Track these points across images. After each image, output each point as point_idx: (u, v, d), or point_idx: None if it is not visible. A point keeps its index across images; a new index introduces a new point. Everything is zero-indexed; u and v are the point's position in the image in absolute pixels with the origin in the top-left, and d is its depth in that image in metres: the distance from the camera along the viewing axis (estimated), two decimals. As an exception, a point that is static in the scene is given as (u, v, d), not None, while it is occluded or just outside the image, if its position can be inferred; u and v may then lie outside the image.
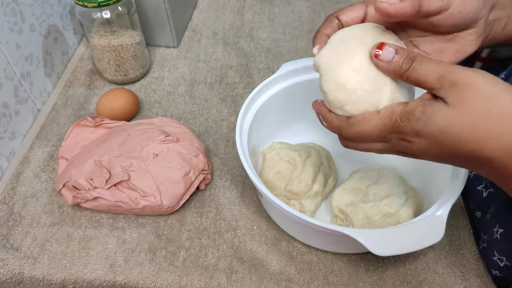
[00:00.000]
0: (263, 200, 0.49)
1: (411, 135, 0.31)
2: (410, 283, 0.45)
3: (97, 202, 0.48)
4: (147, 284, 0.45)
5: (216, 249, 0.48)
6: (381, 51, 0.32)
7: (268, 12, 0.78)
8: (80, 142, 0.54)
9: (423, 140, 0.31)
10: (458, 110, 0.29)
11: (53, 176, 0.54)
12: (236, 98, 0.64)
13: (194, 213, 0.51)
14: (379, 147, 0.34)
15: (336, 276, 0.46)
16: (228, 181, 0.54)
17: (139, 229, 0.49)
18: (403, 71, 0.32)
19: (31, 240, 0.49)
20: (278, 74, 0.51)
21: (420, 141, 0.31)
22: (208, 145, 0.57)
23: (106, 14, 0.58)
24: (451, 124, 0.29)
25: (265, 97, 0.50)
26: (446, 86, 0.29)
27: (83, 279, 0.46)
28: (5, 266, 0.47)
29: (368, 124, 0.33)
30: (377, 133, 0.33)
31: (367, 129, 0.33)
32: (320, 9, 0.78)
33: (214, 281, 0.45)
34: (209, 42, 0.72)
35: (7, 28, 0.54)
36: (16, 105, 0.57)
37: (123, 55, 0.61)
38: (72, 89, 0.65)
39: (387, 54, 0.32)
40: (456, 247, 0.47)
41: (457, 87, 0.29)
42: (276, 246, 0.48)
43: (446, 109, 0.29)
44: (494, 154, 0.29)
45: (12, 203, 0.52)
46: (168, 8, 0.65)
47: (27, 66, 0.58)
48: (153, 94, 0.64)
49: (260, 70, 0.68)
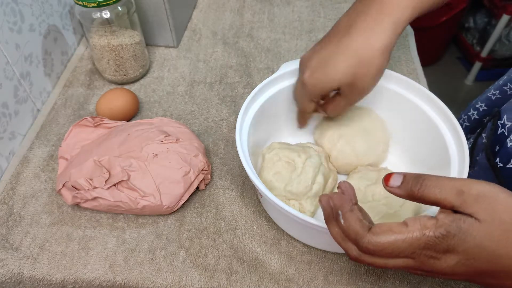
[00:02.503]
0: (263, 200, 0.49)
1: (443, 251, 0.30)
2: (410, 283, 0.45)
3: (97, 202, 0.48)
4: (146, 284, 0.45)
5: (216, 249, 0.48)
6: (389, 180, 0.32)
7: (267, 12, 0.78)
8: (80, 142, 0.54)
9: (455, 256, 0.30)
10: (490, 225, 0.29)
11: (53, 176, 0.54)
12: (235, 98, 0.64)
13: (194, 213, 0.51)
14: (400, 264, 0.31)
15: (336, 276, 0.46)
16: (227, 181, 0.54)
17: (138, 229, 0.49)
18: (416, 190, 0.31)
19: (31, 240, 0.49)
20: (278, 74, 0.51)
21: (451, 257, 0.30)
22: (207, 145, 0.57)
23: (106, 14, 0.58)
24: (486, 240, 0.29)
25: (265, 97, 0.50)
26: (471, 201, 0.29)
27: (83, 279, 0.46)
28: (4, 266, 0.47)
29: (396, 237, 0.30)
30: (406, 247, 0.30)
31: (394, 242, 0.30)
32: (320, 9, 0.78)
33: (214, 281, 0.45)
34: (208, 42, 0.72)
35: (6, 28, 0.54)
36: (16, 105, 0.57)
37: (123, 55, 0.61)
38: (72, 89, 0.65)
39: (395, 180, 0.32)
40: (456, 247, 0.47)
41: (482, 202, 0.29)
42: (275, 246, 0.48)
43: (480, 225, 0.29)
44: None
45: (12, 203, 0.52)
46: (168, 8, 0.65)
47: (26, 66, 0.58)
48: (152, 94, 0.64)
49: (259, 70, 0.68)
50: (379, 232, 0.30)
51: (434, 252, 0.30)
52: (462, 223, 0.29)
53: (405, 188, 0.31)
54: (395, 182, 0.32)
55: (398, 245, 0.30)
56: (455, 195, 0.29)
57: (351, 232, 0.32)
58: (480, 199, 0.29)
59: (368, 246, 0.31)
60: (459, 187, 0.30)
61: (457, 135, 0.45)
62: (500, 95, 0.55)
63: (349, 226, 0.32)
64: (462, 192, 0.29)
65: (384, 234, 0.30)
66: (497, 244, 0.29)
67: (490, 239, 0.29)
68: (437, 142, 0.47)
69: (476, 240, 0.29)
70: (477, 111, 0.58)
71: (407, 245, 0.30)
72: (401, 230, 0.30)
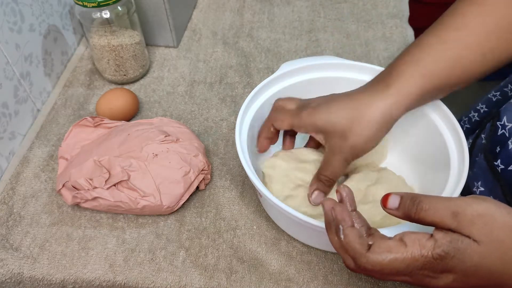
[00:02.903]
0: (263, 200, 0.49)
1: (440, 271, 0.30)
2: (410, 283, 0.45)
3: (97, 202, 0.48)
4: (146, 284, 0.45)
5: (216, 249, 0.48)
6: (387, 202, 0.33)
7: (267, 12, 0.78)
8: (80, 142, 0.54)
9: (452, 275, 0.30)
10: (488, 246, 0.29)
11: (53, 176, 0.54)
12: (235, 98, 0.64)
13: (194, 213, 0.51)
14: (397, 279, 0.32)
15: (336, 276, 0.46)
16: (227, 181, 0.54)
17: (138, 229, 0.49)
18: (413, 214, 0.31)
19: (31, 240, 0.49)
20: (278, 74, 0.51)
21: (448, 276, 0.30)
22: (207, 145, 0.57)
23: (106, 14, 0.58)
24: (484, 260, 0.29)
25: (264, 97, 0.50)
26: (467, 223, 0.29)
27: (83, 279, 0.46)
28: (4, 266, 0.47)
29: (394, 257, 0.30)
30: (404, 268, 0.30)
31: (392, 262, 0.30)
32: (319, 9, 0.78)
33: (214, 281, 0.45)
34: (208, 42, 0.72)
35: (6, 28, 0.54)
36: (16, 105, 0.57)
37: (123, 55, 0.61)
38: (72, 89, 0.65)
39: (392, 202, 0.32)
40: (456, 247, 0.47)
41: (478, 222, 0.29)
42: (275, 246, 0.48)
43: (477, 246, 0.29)
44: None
45: (12, 203, 0.52)
46: (168, 8, 0.65)
47: (26, 66, 0.58)
48: (152, 94, 0.64)
49: (259, 70, 0.68)
50: (378, 252, 0.31)
51: (431, 272, 0.30)
52: (460, 244, 0.29)
53: (403, 211, 0.32)
54: (393, 204, 0.33)
55: (396, 265, 0.30)
56: (450, 217, 0.29)
57: (349, 249, 0.32)
58: (476, 220, 0.29)
59: (366, 266, 0.31)
60: (454, 208, 0.30)
61: (457, 135, 0.45)
62: (500, 96, 0.55)
63: (348, 243, 0.32)
64: (457, 214, 0.29)
65: (383, 254, 0.30)
66: (494, 262, 0.29)
67: (488, 259, 0.29)
68: (437, 142, 0.47)
69: (474, 261, 0.29)
70: (478, 113, 0.58)
71: (405, 266, 0.30)
72: (400, 250, 0.30)
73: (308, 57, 0.53)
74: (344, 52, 0.70)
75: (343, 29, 0.74)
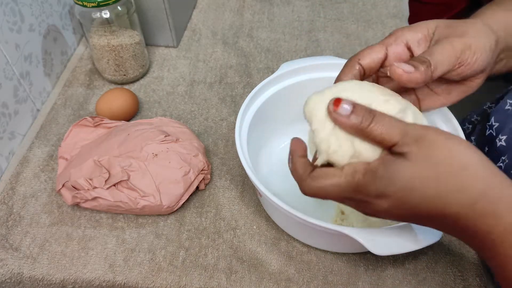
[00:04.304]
0: (263, 200, 0.49)
1: (374, 196, 0.30)
2: (410, 283, 0.45)
3: (97, 202, 0.48)
4: (146, 284, 0.45)
5: (216, 249, 0.48)
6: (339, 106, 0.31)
7: (267, 12, 0.78)
8: (80, 142, 0.54)
9: (385, 200, 0.30)
10: (421, 165, 0.28)
11: (53, 176, 0.54)
12: (235, 98, 0.64)
13: (194, 213, 0.51)
14: (347, 203, 0.33)
15: (336, 276, 0.46)
16: (227, 181, 0.54)
17: (138, 229, 0.49)
18: (365, 126, 0.30)
19: (31, 240, 0.49)
20: (278, 74, 0.51)
21: (383, 201, 0.30)
22: (207, 145, 0.57)
23: (106, 14, 0.58)
24: (415, 181, 0.28)
25: (264, 97, 0.50)
26: (410, 141, 0.29)
27: (83, 279, 0.46)
28: (4, 266, 0.47)
29: (330, 181, 0.31)
30: (339, 191, 0.31)
31: (327, 186, 0.31)
32: (319, 9, 0.78)
33: (214, 281, 0.45)
34: (208, 42, 0.72)
35: (6, 28, 0.54)
36: (16, 105, 0.57)
37: (123, 55, 0.61)
38: (72, 89, 0.65)
39: (345, 108, 0.31)
40: (456, 246, 0.47)
41: (421, 143, 0.29)
42: (275, 245, 0.48)
43: (409, 165, 0.28)
44: (459, 210, 0.28)
45: (12, 203, 0.52)
46: (167, 8, 0.65)
47: (26, 66, 0.58)
48: (152, 94, 0.64)
49: (259, 70, 0.68)
50: (316, 177, 0.32)
51: (365, 196, 0.30)
52: (392, 163, 0.29)
53: (355, 120, 0.30)
54: (345, 110, 0.30)
55: (331, 189, 0.31)
56: (399, 134, 0.29)
57: (295, 175, 0.34)
58: (420, 140, 0.29)
59: (308, 191, 0.32)
60: (404, 127, 0.29)
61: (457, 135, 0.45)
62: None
63: (294, 170, 0.34)
64: (406, 133, 0.29)
65: (320, 179, 0.31)
66: (427, 185, 0.28)
67: (419, 180, 0.28)
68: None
69: (404, 181, 0.29)
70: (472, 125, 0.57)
71: (339, 189, 0.31)
72: (336, 174, 0.31)
73: (308, 57, 0.53)
74: (344, 52, 0.70)
75: (343, 29, 0.74)
